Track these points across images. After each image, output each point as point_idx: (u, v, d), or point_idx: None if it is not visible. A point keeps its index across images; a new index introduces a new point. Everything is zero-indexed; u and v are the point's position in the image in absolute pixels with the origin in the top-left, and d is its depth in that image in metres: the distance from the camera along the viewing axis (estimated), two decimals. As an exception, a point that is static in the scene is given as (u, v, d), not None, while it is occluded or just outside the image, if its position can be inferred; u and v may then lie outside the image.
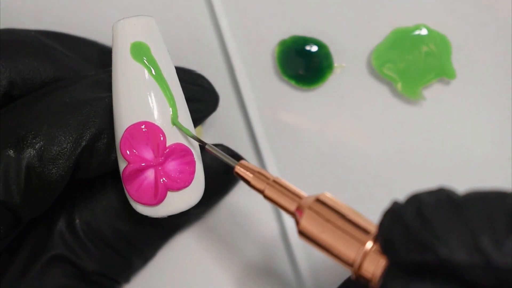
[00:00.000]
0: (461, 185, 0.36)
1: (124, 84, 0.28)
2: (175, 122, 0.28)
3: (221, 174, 0.34)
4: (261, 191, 0.28)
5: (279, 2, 0.37)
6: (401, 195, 0.36)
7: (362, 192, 0.36)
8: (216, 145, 0.33)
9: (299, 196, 0.27)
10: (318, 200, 0.26)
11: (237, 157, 0.34)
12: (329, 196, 0.26)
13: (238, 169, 0.28)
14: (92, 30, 0.36)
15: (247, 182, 0.28)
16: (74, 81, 0.30)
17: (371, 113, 0.37)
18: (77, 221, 0.31)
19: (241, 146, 0.36)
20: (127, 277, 0.33)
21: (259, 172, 0.28)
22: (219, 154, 0.29)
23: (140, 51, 0.28)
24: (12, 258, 0.31)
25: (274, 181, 0.27)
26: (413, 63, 0.36)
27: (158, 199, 0.28)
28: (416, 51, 0.36)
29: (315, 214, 0.26)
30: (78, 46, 0.34)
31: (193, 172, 0.29)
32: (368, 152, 0.36)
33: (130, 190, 0.28)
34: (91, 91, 0.29)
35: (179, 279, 0.36)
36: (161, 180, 0.28)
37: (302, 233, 0.26)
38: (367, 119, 0.37)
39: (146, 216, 0.29)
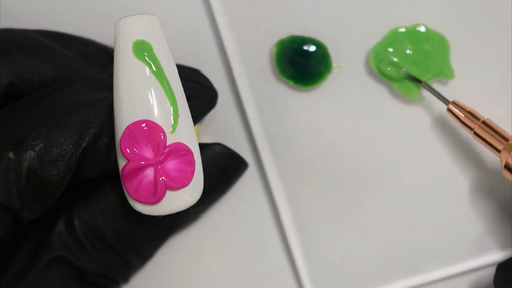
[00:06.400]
0: (461, 185, 0.36)
1: (125, 82, 0.28)
2: None
3: (220, 174, 0.34)
4: (471, 129, 0.33)
5: (277, 1, 0.37)
6: (399, 196, 0.36)
7: (360, 192, 0.36)
8: (213, 144, 0.33)
9: (506, 138, 0.32)
10: None
11: (236, 157, 0.34)
12: None
13: (451, 108, 0.34)
14: (91, 30, 0.36)
15: (459, 120, 0.33)
16: (73, 81, 0.30)
17: (369, 113, 0.37)
18: (76, 221, 0.31)
19: (239, 146, 0.36)
20: (126, 277, 0.33)
21: (470, 112, 0.33)
22: (434, 92, 0.34)
23: (142, 50, 0.28)
24: (11, 260, 0.31)
25: (484, 122, 0.33)
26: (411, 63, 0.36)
27: (157, 197, 0.28)
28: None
29: None
30: (76, 45, 0.34)
31: (193, 171, 0.29)
32: (366, 152, 0.36)
33: (129, 188, 0.28)
34: (90, 92, 0.29)
35: (178, 279, 0.36)
36: (161, 179, 0.28)
37: (507, 168, 0.32)
38: (365, 119, 0.37)
39: (145, 216, 0.29)
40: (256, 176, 0.36)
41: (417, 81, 0.35)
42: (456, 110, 0.34)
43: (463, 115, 0.33)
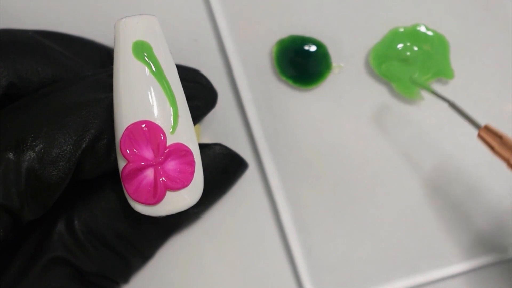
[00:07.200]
0: (461, 186, 0.36)
1: (125, 82, 0.28)
2: None
3: (220, 174, 0.34)
4: (505, 160, 0.29)
5: (277, 1, 0.37)
6: (399, 195, 0.36)
7: (360, 192, 0.36)
8: (213, 144, 0.33)
9: None
10: None
11: (236, 158, 0.34)
12: None
13: (483, 134, 0.29)
14: (91, 30, 0.36)
15: (491, 148, 0.29)
16: (72, 82, 0.30)
17: (369, 113, 0.37)
18: (76, 222, 0.31)
19: (239, 146, 0.36)
20: (126, 278, 0.33)
21: (505, 139, 0.29)
22: (463, 114, 0.30)
23: (142, 50, 0.28)
24: (11, 260, 0.31)
25: None
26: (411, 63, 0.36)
27: (157, 198, 0.28)
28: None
29: None
30: (76, 46, 0.34)
31: (193, 172, 0.29)
32: (366, 152, 0.36)
33: (129, 189, 0.28)
34: (90, 92, 0.29)
35: (178, 279, 0.36)
36: (161, 179, 0.28)
37: None
38: (365, 119, 0.37)
39: (145, 216, 0.29)
40: (256, 176, 0.36)
41: (443, 100, 0.32)
42: (487, 138, 0.29)
43: (497, 144, 0.29)
